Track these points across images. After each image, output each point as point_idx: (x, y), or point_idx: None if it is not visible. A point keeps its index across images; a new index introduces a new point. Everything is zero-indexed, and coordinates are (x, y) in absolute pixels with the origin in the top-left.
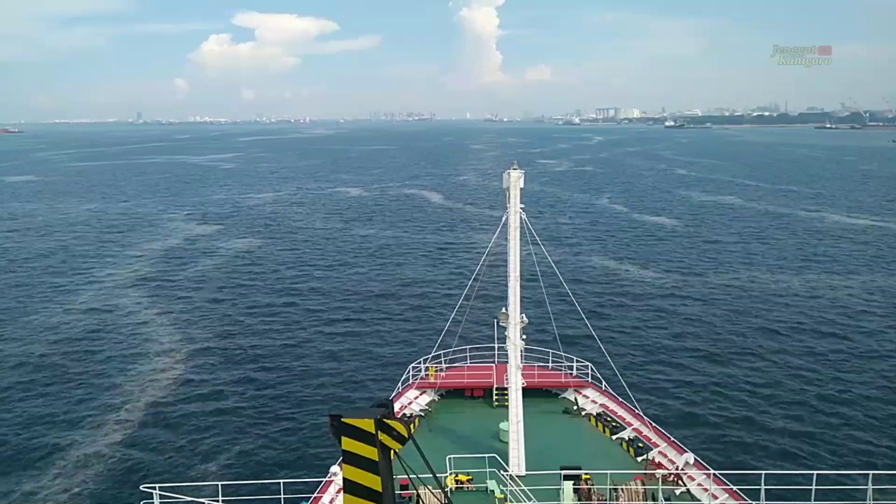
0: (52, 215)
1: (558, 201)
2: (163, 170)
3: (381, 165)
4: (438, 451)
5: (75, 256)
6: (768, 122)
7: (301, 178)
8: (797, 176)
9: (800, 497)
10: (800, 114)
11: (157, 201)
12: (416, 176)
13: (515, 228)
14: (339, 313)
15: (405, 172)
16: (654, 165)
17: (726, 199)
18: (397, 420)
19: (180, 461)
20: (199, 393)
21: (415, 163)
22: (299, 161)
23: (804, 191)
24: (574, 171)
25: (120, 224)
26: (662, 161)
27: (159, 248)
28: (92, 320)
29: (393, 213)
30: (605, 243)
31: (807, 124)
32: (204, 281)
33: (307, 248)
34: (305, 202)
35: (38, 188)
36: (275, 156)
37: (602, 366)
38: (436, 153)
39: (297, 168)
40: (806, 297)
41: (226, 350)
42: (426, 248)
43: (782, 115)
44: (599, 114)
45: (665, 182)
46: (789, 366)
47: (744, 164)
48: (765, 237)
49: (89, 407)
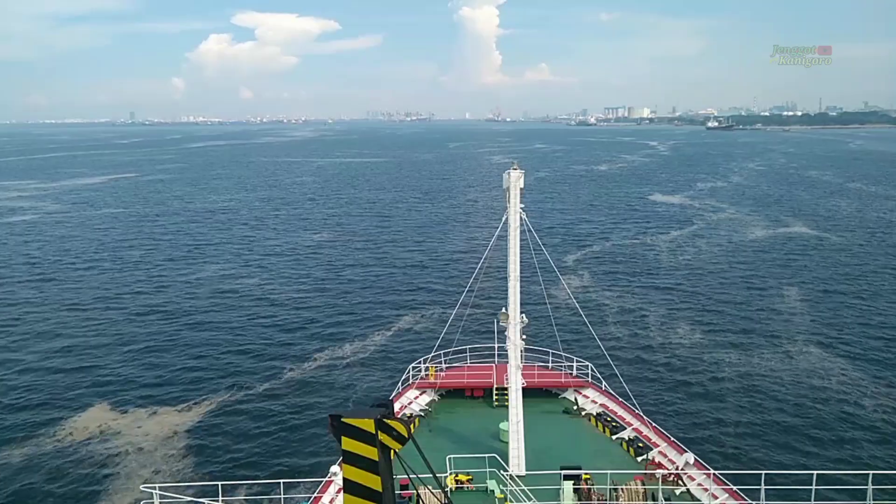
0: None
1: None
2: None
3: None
4: (438, 451)
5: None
6: (815, 122)
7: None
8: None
9: (800, 497)
10: (841, 113)
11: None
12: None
13: (515, 228)
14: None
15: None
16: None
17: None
18: (397, 420)
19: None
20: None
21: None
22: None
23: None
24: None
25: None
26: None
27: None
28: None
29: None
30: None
31: (864, 125)
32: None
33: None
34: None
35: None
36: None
37: (602, 366)
38: (442, 174)
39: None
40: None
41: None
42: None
43: (821, 115)
44: (609, 113)
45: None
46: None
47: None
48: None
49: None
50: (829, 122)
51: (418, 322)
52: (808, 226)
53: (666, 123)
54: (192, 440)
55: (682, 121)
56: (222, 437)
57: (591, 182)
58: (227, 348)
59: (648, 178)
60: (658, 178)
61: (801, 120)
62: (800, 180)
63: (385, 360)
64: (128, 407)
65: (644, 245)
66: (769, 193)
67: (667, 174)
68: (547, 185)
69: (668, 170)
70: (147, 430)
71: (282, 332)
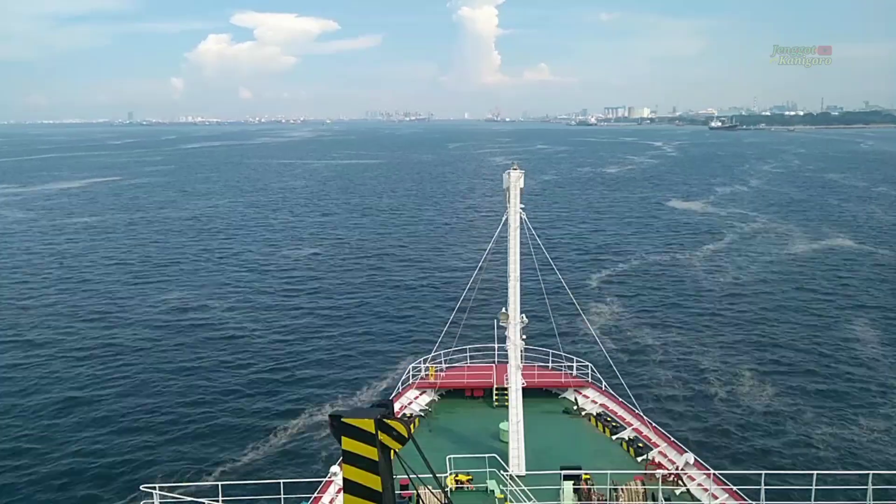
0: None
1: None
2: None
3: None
4: (438, 451)
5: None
6: (818, 122)
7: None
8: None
9: (800, 497)
10: (844, 113)
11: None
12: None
13: (515, 228)
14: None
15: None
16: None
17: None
18: (397, 420)
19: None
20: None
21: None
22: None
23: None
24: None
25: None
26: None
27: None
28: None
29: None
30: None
31: (869, 125)
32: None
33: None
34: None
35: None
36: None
37: (602, 366)
38: (442, 177)
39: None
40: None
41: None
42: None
43: (823, 115)
44: (609, 113)
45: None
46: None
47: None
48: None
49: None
50: (831, 122)
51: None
52: (851, 237)
53: (667, 123)
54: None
55: (683, 121)
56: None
57: (601, 185)
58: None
59: (662, 182)
60: (672, 182)
61: (804, 120)
62: (823, 184)
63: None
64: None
65: (677, 262)
66: (796, 199)
67: (680, 177)
68: (554, 189)
69: (681, 172)
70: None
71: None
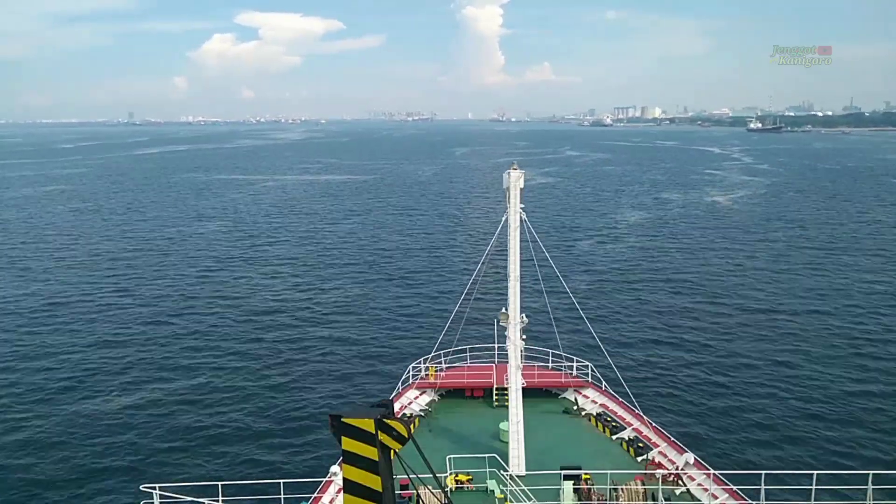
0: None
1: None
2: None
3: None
4: (438, 451)
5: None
6: (858, 123)
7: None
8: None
9: (800, 497)
10: (884, 113)
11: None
12: None
13: (515, 228)
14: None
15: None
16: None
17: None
18: (397, 420)
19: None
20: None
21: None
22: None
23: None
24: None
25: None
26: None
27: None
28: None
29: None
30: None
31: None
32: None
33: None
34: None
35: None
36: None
37: (602, 366)
38: (456, 217)
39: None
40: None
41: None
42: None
43: (856, 115)
44: (620, 113)
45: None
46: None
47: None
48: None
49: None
50: (878, 124)
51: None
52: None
53: (688, 125)
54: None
55: (706, 121)
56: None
57: (748, 235)
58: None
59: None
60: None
61: (847, 120)
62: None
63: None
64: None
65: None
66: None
67: (842, 213)
68: (662, 242)
69: (825, 201)
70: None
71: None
